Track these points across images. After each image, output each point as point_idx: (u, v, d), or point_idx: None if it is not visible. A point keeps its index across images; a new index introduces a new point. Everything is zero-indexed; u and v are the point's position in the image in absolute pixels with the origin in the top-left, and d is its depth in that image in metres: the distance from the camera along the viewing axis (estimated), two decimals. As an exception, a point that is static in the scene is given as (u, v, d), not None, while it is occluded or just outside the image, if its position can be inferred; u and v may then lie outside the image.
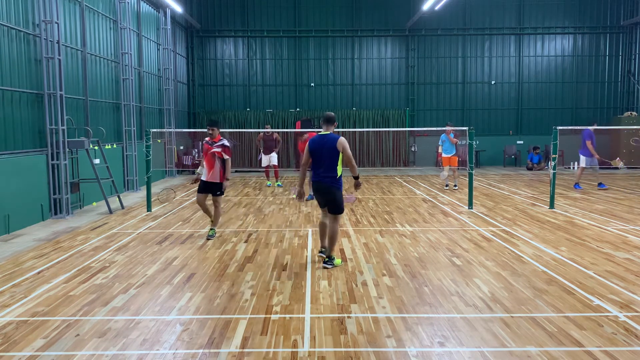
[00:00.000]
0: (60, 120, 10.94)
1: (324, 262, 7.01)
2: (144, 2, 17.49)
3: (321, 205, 7.23)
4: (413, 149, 23.80)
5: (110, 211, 11.40)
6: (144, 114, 17.00)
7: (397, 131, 22.90)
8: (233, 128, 22.64)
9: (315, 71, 23.72)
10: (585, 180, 16.14)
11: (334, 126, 7.08)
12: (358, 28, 23.45)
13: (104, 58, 14.08)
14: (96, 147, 12.51)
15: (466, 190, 13.34)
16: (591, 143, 14.40)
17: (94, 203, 12.57)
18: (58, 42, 10.92)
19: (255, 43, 23.64)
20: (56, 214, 10.85)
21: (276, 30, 23.41)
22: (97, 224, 10.18)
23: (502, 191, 14.82)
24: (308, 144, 7.05)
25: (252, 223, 10.26)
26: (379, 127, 22.89)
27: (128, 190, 15.27)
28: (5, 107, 9.55)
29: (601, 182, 15.28)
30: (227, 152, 8.68)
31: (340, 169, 6.96)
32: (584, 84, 23.98)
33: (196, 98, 23.72)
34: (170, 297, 5.81)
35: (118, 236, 9.05)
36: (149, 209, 11.60)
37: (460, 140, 17.45)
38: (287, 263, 7.23)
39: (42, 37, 10.66)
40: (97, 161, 12.16)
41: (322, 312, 5.30)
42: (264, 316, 5.21)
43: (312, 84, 23.70)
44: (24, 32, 10.21)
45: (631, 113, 22.91)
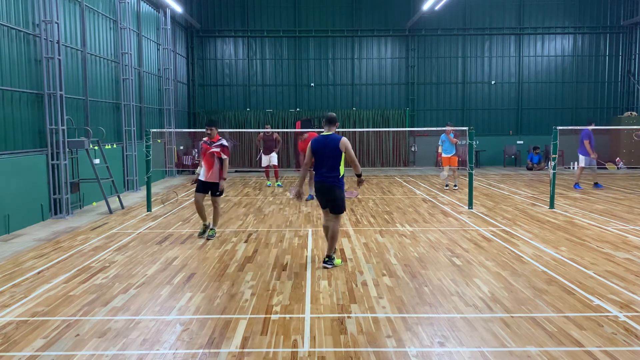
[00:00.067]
0: (60, 120, 10.94)
1: (324, 262, 7.00)
2: (144, 2, 17.50)
3: (322, 205, 7.21)
4: (413, 149, 23.79)
5: (110, 211, 11.40)
6: (144, 114, 17.00)
7: (397, 131, 22.90)
8: (233, 128, 22.64)
9: (315, 71, 23.72)
10: (585, 180, 16.14)
11: (336, 126, 7.10)
12: (358, 28, 23.45)
13: (104, 58, 14.08)
14: (96, 147, 12.51)
15: (466, 190, 13.34)
16: (589, 143, 14.41)
17: (94, 203, 12.58)
18: (58, 42, 10.92)
19: (255, 43, 23.64)
20: (56, 214, 10.85)
21: (276, 30, 23.41)
22: (97, 224, 10.19)
23: (502, 191, 14.83)
24: (310, 144, 7.05)
25: (252, 223, 10.27)
26: (379, 127, 22.89)
27: (128, 190, 15.27)
28: (5, 107, 9.55)
29: (597, 182, 15.31)
30: (226, 152, 8.70)
31: (342, 169, 6.98)
32: (584, 84, 23.98)
33: (196, 98, 23.73)
34: (170, 297, 5.81)
35: (118, 236, 9.05)
36: (149, 209, 11.61)
37: (460, 140, 17.45)
38: (287, 263, 7.23)
39: (42, 37, 10.66)
40: (97, 161, 12.16)
41: (322, 312, 5.30)
42: (264, 316, 5.21)
43: (312, 84, 23.69)
44: (24, 32, 10.21)
45: (631, 113, 22.91)
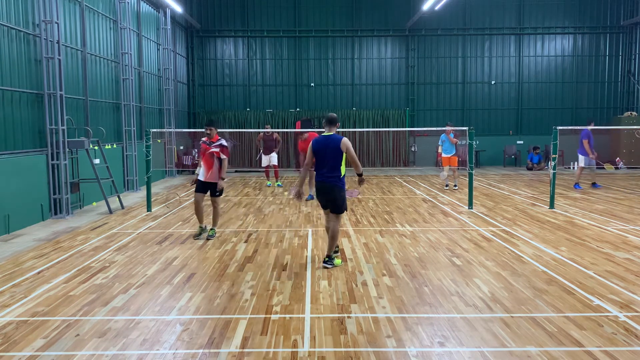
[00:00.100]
0: (60, 120, 10.94)
1: (324, 262, 7.00)
2: (144, 2, 17.50)
3: (323, 206, 7.21)
4: (413, 149, 23.79)
5: (110, 211, 11.40)
6: (144, 114, 17.00)
7: (397, 131, 22.89)
8: (233, 128, 22.64)
9: (315, 71, 23.72)
10: (585, 180, 16.13)
11: (337, 127, 7.11)
12: (358, 28, 23.45)
13: (104, 58, 14.08)
14: (96, 147, 12.51)
15: (466, 190, 13.34)
16: (588, 142, 14.41)
17: (94, 203, 12.57)
18: (58, 42, 10.92)
19: (255, 43, 23.64)
20: (56, 214, 10.85)
21: (276, 30, 23.40)
22: (97, 224, 10.19)
23: (502, 191, 14.82)
24: (312, 145, 7.06)
25: (252, 223, 10.27)
26: (379, 127, 22.89)
27: (128, 190, 15.27)
28: (5, 107, 9.55)
29: (595, 182, 15.32)
30: (225, 152, 8.69)
31: (343, 169, 6.99)
32: (584, 84, 23.98)
33: (196, 98, 23.72)
34: (170, 297, 5.81)
35: (118, 236, 9.05)
36: (149, 209, 11.61)
37: (460, 140, 17.45)
38: (287, 263, 7.23)
39: (42, 37, 10.66)
40: (97, 161, 12.16)
41: (322, 312, 5.30)
42: (264, 316, 5.21)
43: (312, 84, 23.69)
44: (24, 32, 10.21)
45: (631, 113, 22.91)
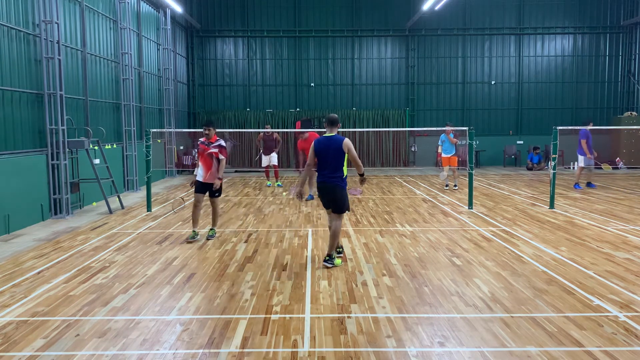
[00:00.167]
0: (60, 120, 10.94)
1: (324, 261, 7.00)
2: (144, 2, 17.50)
3: (325, 206, 7.22)
4: (413, 149, 23.79)
5: (110, 211, 11.40)
6: (144, 114, 17.00)
7: (397, 131, 22.89)
8: (233, 128, 22.64)
9: (315, 71, 23.72)
10: (585, 180, 16.12)
11: (338, 127, 7.13)
12: (358, 28, 23.45)
13: (104, 58, 14.08)
14: (96, 147, 12.51)
15: (466, 190, 13.34)
16: (586, 142, 14.41)
17: (94, 203, 12.57)
18: (58, 42, 10.92)
19: (255, 43, 23.63)
20: (56, 214, 10.85)
21: (276, 30, 23.40)
22: (97, 224, 10.19)
23: (502, 191, 14.82)
24: (313, 145, 7.08)
25: (252, 223, 10.27)
26: (379, 127, 22.89)
27: (128, 190, 15.27)
28: (5, 107, 9.55)
29: (590, 182, 15.32)
30: (224, 153, 8.65)
31: (345, 170, 7.02)
32: (584, 84, 23.98)
33: (196, 98, 23.72)
34: (170, 297, 5.81)
35: (118, 236, 9.05)
36: (149, 209, 11.61)
37: (460, 140, 17.45)
38: (287, 263, 7.23)
39: (42, 37, 10.66)
40: (97, 161, 12.16)
41: (322, 312, 5.30)
42: (264, 316, 5.21)
43: (312, 84, 23.69)
44: (24, 32, 10.21)
45: (631, 113, 22.91)
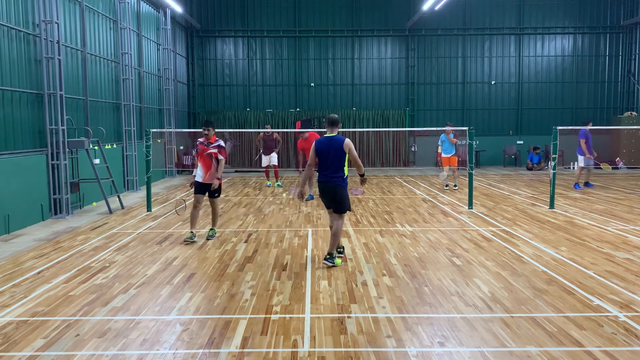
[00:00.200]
0: (60, 120, 10.94)
1: (325, 259, 7.01)
2: (144, 2, 17.50)
3: (327, 206, 7.23)
4: (413, 149, 23.79)
5: (110, 211, 11.40)
6: (144, 114, 17.00)
7: (397, 131, 22.89)
8: (233, 128, 22.64)
9: (315, 71, 23.72)
10: (583, 179, 16.11)
11: (338, 127, 7.15)
12: (358, 28, 23.45)
13: (104, 58, 14.08)
14: (96, 147, 12.51)
15: (466, 190, 13.34)
16: (586, 142, 14.40)
17: (94, 203, 12.57)
18: (58, 42, 10.92)
19: (255, 43, 23.63)
20: (56, 214, 10.85)
21: (276, 30, 23.40)
22: (97, 224, 10.19)
23: (502, 191, 14.82)
24: (314, 145, 7.09)
25: (252, 223, 10.26)
26: (379, 127, 22.89)
27: (128, 190, 15.27)
28: (5, 107, 9.55)
29: (588, 182, 15.32)
30: (223, 153, 8.62)
31: (346, 170, 7.03)
32: (584, 84, 23.97)
33: (196, 98, 23.72)
34: (170, 297, 5.81)
35: (118, 236, 9.05)
36: (149, 209, 11.61)
37: (460, 140, 17.45)
38: (287, 263, 7.23)
39: (42, 37, 10.66)
40: (97, 161, 12.16)
41: (322, 312, 5.30)
42: (264, 316, 5.21)
43: (312, 84, 23.69)
44: (24, 32, 10.21)
45: (631, 113, 22.90)
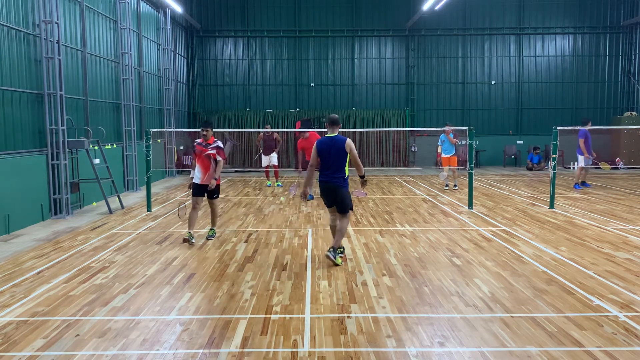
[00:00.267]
0: (60, 120, 10.93)
1: (328, 251, 7.03)
2: (144, 2, 17.49)
3: (328, 204, 7.24)
4: (413, 149, 23.79)
5: (110, 211, 11.40)
6: (144, 114, 17.00)
7: (397, 131, 22.89)
8: (233, 128, 22.63)
9: (315, 71, 23.71)
10: (581, 179, 16.11)
11: (339, 127, 7.17)
12: (358, 28, 23.45)
13: (104, 58, 14.08)
14: (96, 147, 12.51)
15: (466, 190, 13.34)
16: (585, 142, 14.40)
17: (94, 203, 12.57)
18: (58, 42, 10.92)
19: (255, 43, 23.63)
20: (56, 214, 10.85)
21: (276, 30, 23.40)
22: (97, 224, 10.19)
23: (502, 191, 14.82)
24: (316, 145, 7.12)
25: (252, 223, 10.26)
26: (379, 127, 22.89)
27: (128, 190, 15.27)
28: (5, 107, 9.55)
29: (585, 181, 15.33)
30: (222, 155, 8.57)
31: (347, 170, 7.06)
32: (584, 84, 23.97)
33: (196, 98, 23.72)
34: (170, 297, 5.81)
35: (118, 236, 9.05)
36: (149, 209, 11.61)
37: (460, 140, 17.44)
38: (287, 263, 7.23)
39: (42, 37, 10.66)
40: (97, 161, 12.16)
41: (322, 312, 5.30)
42: (264, 316, 5.21)
43: (312, 84, 23.69)
44: (24, 32, 10.21)
45: (631, 113, 22.91)
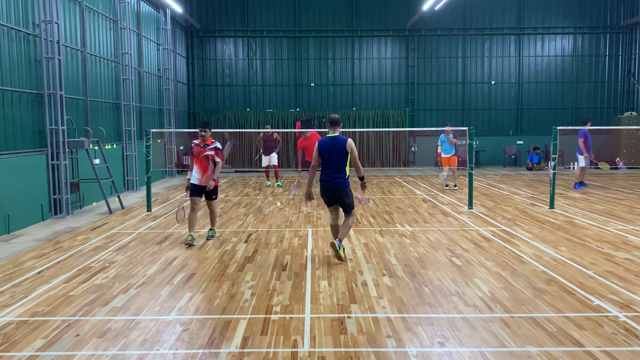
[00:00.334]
0: (60, 120, 10.93)
1: (334, 240, 7.04)
2: (144, 2, 17.49)
3: (328, 204, 7.25)
4: (413, 149, 23.79)
5: (110, 211, 11.40)
6: (144, 114, 17.00)
7: (397, 131, 22.90)
8: (233, 128, 22.64)
9: (315, 71, 23.71)
10: (586, 180, 16.13)
11: (340, 127, 7.19)
12: (358, 28, 23.45)
13: (104, 58, 14.08)
14: (96, 147, 12.50)
15: (466, 190, 13.34)
16: (584, 142, 14.40)
17: (94, 203, 12.57)
18: (58, 42, 10.92)
19: (255, 43, 23.63)
20: (56, 214, 10.85)
21: (276, 30, 23.40)
22: (97, 224, 10.19)
23: (502, 191, 14.82)
24: (317, 145, 7.14)
25: (252, 223, 10.27)
26: (379, 127, 22.90)
27: (128, 190, 15.27)
28: (5, 107, 9.55)
29: (582, 181, 15.34)
30: (220, 156, 8.55)
31: (348, 170, 7.09)
32: (584, 84, 23.97)
33: (196, 98, 23.72)
34: (170, 297, 5.81)
35: (118, 236, 9.05)
36: (149, 209, 11.61)
37: (460, 140, 17.45)
38: (287, 263, 7.23)
39: (42, 37, 10.66)
40: (97, 161, 12.16)
41: (322, 312, 5.30)
42: (264, 316, 5.21)
43: (312, 84, 23.69)
44: (24, 32, 10.21)
45: (631, 113, 22.91)
